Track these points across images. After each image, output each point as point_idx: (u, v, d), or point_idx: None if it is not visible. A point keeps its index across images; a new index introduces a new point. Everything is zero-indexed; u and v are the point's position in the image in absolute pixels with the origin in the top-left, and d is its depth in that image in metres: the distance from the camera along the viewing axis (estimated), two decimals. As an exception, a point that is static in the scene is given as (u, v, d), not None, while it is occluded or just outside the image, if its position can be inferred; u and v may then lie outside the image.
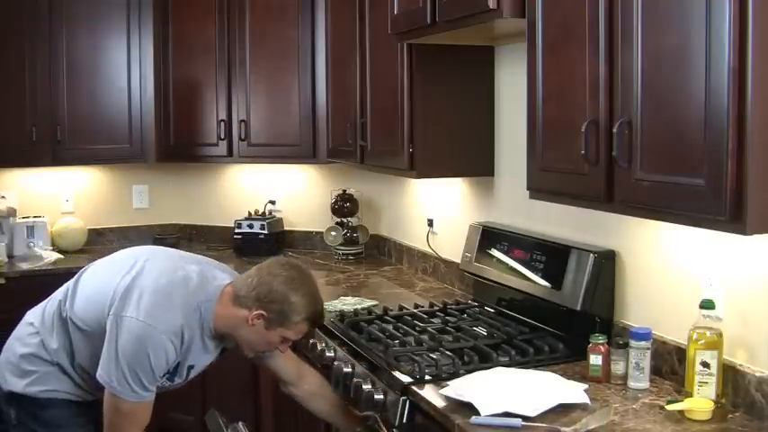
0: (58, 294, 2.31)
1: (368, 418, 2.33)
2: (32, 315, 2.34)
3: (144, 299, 2.08)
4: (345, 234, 4.20)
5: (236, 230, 4.35)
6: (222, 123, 4.21)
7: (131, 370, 2.05)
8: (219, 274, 2.24)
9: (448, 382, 2.12)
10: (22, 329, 2.32)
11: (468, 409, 1.95)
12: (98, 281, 2.24)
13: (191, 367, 2.22)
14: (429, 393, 2.11)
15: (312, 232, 4.53)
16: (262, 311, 2.12)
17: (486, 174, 3.14)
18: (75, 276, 2.33)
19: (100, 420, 2.20)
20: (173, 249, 2.43)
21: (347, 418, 2.44)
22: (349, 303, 3.11)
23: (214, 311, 2.15)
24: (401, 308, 2.95)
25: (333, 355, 2.64)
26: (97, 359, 2.11)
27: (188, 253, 2.44)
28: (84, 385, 2.25)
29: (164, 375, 2.14)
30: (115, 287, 2.14)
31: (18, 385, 2.22)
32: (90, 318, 2.17)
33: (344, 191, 4.27)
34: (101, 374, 2.08)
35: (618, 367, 2.14)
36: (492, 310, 2.89)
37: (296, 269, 2.23)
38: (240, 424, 2.36)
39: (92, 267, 2.34)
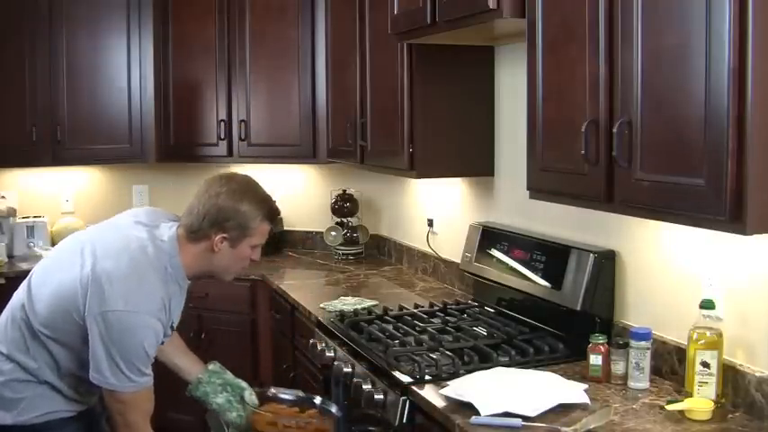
0: (13, 312, 2.13)
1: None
2: None
3: (116, 287, 1.98)
4: (345, 234, 4.20)
5: (236, 230, 4.35)
6: (222, 123, 4.21)
7: (126, 361, 1.98)
8: (163, 226, 2.16)
9: (448, 382, 2.12)
10: None
11: (468, 409, 1.95)
12: (53, 282, 2.08)
13: (172, 322, 2.16)
14: (429, 393, 2.11)
15: (312, 232, 4.53)
16: (222, 234, 2.08)
17: (486, 174, 3.14)
18: (24, 286, 2.16)
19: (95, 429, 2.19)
20: (105, 221, 2.27)
21: (191, 362, 2.44)
22: (349, 303, 3.11)
23: (181, 263, 2.10)
24: (401, 308, 2.95)
25: (333, 355, 2.64)
26: (83, 362, 2.03)
27: (121, 215, 2.27)
28: (75, 395, 2.14)
29: None
30: (75, 284, 2.01)
31: (6, 418, 2.06)
32: (60, 324, 2.04)
33: (344, 191, 4.27)
34: (95, 376, 2.00)
35: (618, 367, 2.14)
36: (492, 310, 2.89)
37: (232, 180, 2.17)
38: (247, 392, 2.34)
39: (38, 271, 2.19)
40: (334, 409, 2.34)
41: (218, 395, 2.36)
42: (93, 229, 2.24)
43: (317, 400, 2.39)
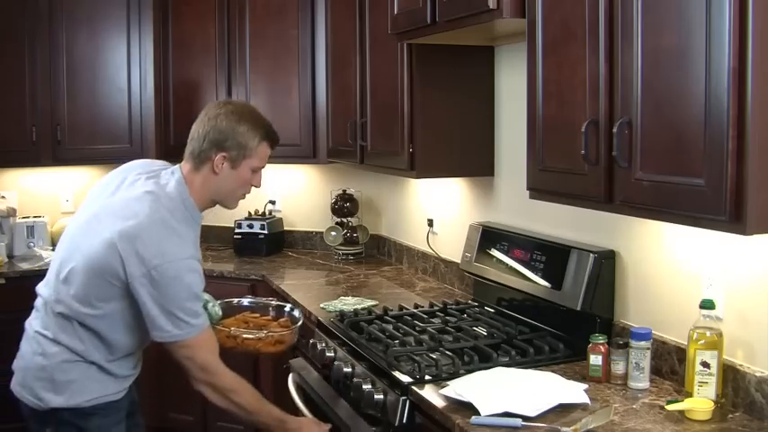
0: (47, 300, 2.17)
1: None
2: (39, 324, 2.19)
3: (148, 244, 2.02)
4: (345, 234, 4.20)
5: (237, 230, 4.36)
6: (222, 123, 4.20)
7: (181, 309, 2.05)
8: (163, 174, 2.22)
9: (448, 382, 2.12)
10: (37, 341, 2.17)
11: (468, 409, 1.95)
12: (80, 258, 2.09)
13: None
14: (429, 393, 2.11)
15: (312, 232, 4.53)
16: (222, 153, 2.15)
17: (486, 174, 3.14)
18: (51, 275, 2.19)
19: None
20: (106, 182, 2.29)
21: None
22: (349, 303, 3.11)
23: (193, 198, 2.18)
24: (401, 308, 2.95)
25: (333, 355, 2.64)
26: (129, 328, 2.10)
27: (111, 177, 2.29)
28: (124, 371, 2.19)
29: None
30: (103, 251, 2.03)
31: (58, 400, 2.11)
32: (98, 296, 2.07)
33: (344, 191, 4.27)
34: (156, 334, 2.07)
35: (618, 367, 2.14)
36: (492, 310, 2.89)
37: (230, 104, 2.30)
38: (210, 304, 2.40)
39: (60, 255, 2.18)
40: (297, 313, 2.52)
41: None
42: (93, 201, 2.23)
43: (287, 307, 2.63)
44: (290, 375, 2.85)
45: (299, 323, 2.55)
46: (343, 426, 2.42)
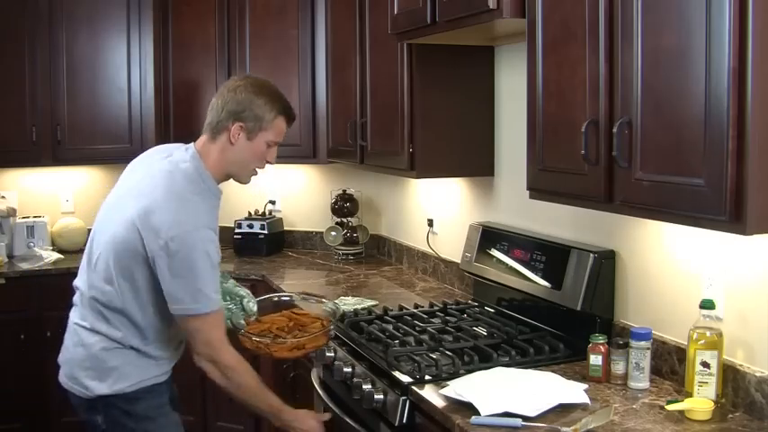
0: (82, 293, 2.22)
1: None
2: (77, 316, 2.24)
3: (163, 217, 2.05)
4: (345, 234, 4.20)
5: (237, 230, 4.36)
6: (222, 123, 4.21)
7: (199, 279, 2.05)
8: (176, 152, 2.26)
9: (448, 382, 2.11)
10: (77, 333, 2.23)
11: (468, 409, 1.95)
12: (108, 244, 2.14)
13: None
14: (429, 393, 2.11)
15: (312, 232, 4.53)
16: (239, 123, 2.17)
17: (486, 174, 3.14)
18: (83, 266, 2.24)
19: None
20: (128, 169, 2.37)
21: None
22: (349, 303, 3.11)
23: (208, 170, 2.19)
24: (401, 308, 2.95)
25: (333, 355, 2.64)
26: (162, 308, 2.11)
27: (132, 165, 2.39)
28: (163, 353, 2.21)
29: None
30: (126, 231, 2.08)
31: (102, 388, 2.15)
32: (129, 279, 2.11)
33: (344, 191, 4.27)
34: (174, 308, 2.07)
35: (618, 367, 2.14)
36: (492, 310, 2.89)
37: (249, 78, 2.30)
38: (245, 300, 2.43)
39: (91, 247, 2.23)
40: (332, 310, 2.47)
41: None
42: (117, 190, 2.31)
43: (328, 305, 2.53)
44: (313, 371, 2.83)
45: (327, 329, 2.44)
46: (344, 425, 2.42)
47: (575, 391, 2.02)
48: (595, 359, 2.17)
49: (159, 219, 2.05)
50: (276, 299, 2.63)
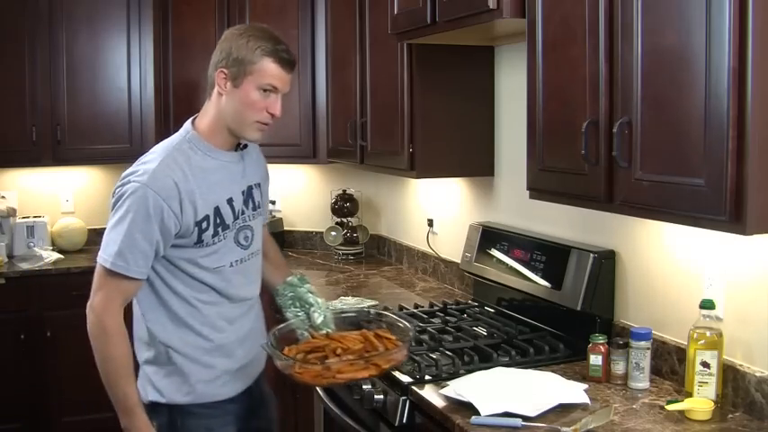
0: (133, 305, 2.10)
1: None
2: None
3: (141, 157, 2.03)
4: (345, 234, 4.20)
5: (237, 230, 4.35)
6: (222, 123, 4.21)
7: (124, 229, 1.93)
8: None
9: (448, 382, 2.11)
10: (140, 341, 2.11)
11: (468, 409, 1.95)
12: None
13: (230, 200, 2.05)
14: (429, 393, 2.11)
15: (312, 232, 4.53)
16: (222, 69, 1.98)
17: (486, 174, 3.14)
18: None
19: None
20: None
21: (277, 274, 2.31)
22: (349, 303, 3.11)
23: (199, 134, 2.04)
24: (401, 308, 2.95)
25: (333, 355, 2.63)
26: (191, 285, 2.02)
27: None
28: (209, 331, 2.05)
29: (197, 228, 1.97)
30: None
31: (158, 396, 2.05)
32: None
33: (344, 191, 4.27)
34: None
35: (618, 367, 2.14)
36: (492, 310, 2.89)
37: (234, 27, 2.12)
38: (312, 309, 2.17)
39: None
40: (405, 329, 2.09)
41: (288, 308, 2.23)
42: None
43: (402, 323, 2.14)
44: None
45: (403, 346, 2.04)
46: (344, 425, 2.42)
47: (575, 391, 2.02)
48: (595, 359, 2.17)
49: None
50: (345, 315, 2.27)
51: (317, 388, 2.68)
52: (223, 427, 2.10)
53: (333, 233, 4.20)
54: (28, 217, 4.38)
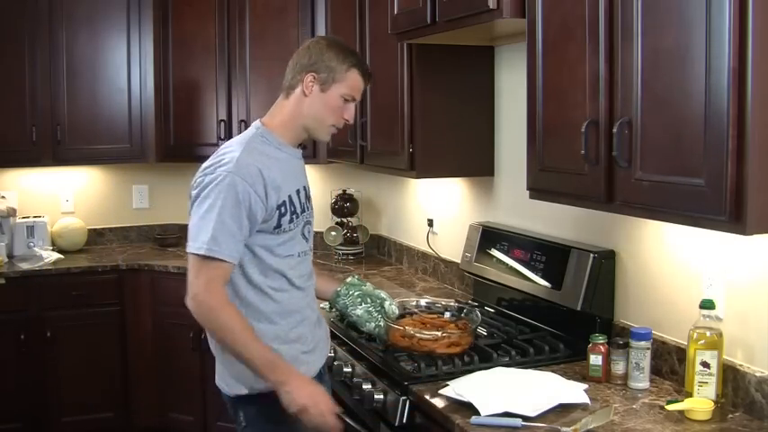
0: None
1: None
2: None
3: (218, 150, 2.11)
4: (345, 234, 4.20)
5: (237, 230, 4.35)
6: (222, 123, 4.21)
7: (216, 215, 1.98)
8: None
9: (448, 382, 2.11)
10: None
11: (468, 409, 1.95)
12: None
13: (297, 192, 2.17)
14: (429, 393, 2.11)
15: (312, 232, 4.53)
16: (312, 73, 2.13)
17: (486, 174, 3.14)
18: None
19: None
20: None
21: (328, 281, 2.51)
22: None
23: (278, 130, 2.16)
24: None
25: (333, 355, 2.64)
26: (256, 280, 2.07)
27: None
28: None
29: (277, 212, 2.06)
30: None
31: (238, 387, 2.09)
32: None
33: (344, 191, 4.27)
34: (188, 239, 2.00)
35: (618, 367, 2.14)
36: (492, 310, 2.89)
37: (319, 37, 2.29)
38: (387, 302, 2.43)
39: None
40: (475, 315, 2.44)
41: (357, 307, 2.40)
42: None
43: (465, 309, 2.53)
44: None
45: (477, 325, 2.44)
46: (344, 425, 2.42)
47: (575, 391, 2.02)
48: (595, 359, 2.17)
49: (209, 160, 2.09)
50: (413, 304, 2.63)
51: None
52: None
53: (333, 233, 4.20)
54: (28, 217, 4.38)
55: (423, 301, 2.70)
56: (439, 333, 2.30)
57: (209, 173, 2.04)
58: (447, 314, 2.55)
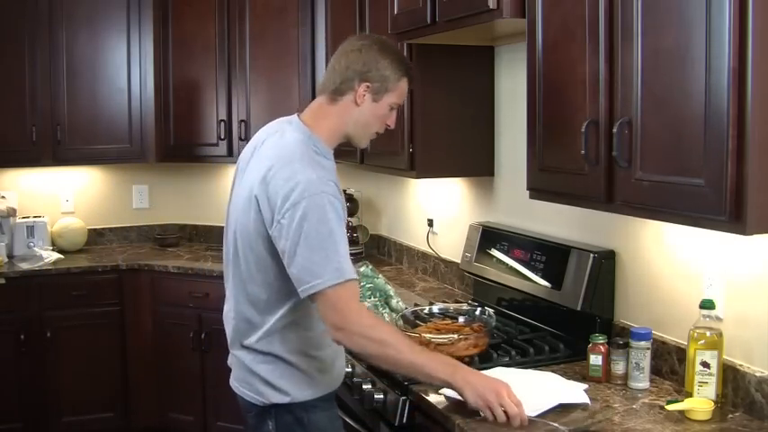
0: (237, 313, 2.07)
1: None
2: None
3: (285, 174, 1.90)
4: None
5: (237, 230, 4.35)
6: (222, 123, 4.21)
7: (324, 240, 1.91)
8: (280, 128, 2.09)
9: (448, 382, 2.11)
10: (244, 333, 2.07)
11: (468, 408, 1.94)
12: (237, 235, 2.04)
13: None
14: (429, 393, 2.11)
15: (312, 232, 4.52)
16: (366, 83, 2.03)
17: (486, 174, 3.14)
18: (229, 284, 2.12)
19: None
20: (241, 159, 2.17)
21: None
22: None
23: (321, 134, 2.04)
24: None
25: (333, 355, 2.64)
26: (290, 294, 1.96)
27: (252, 146, 2.15)
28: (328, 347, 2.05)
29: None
30: (246, 211, 1.98)
31: (277, 396, 2.02)
32: (261, 265, 1.99)
33: (344, 191, 4.25)
34: (303, 280, 1.87)
35: (618, 367, 2.14)
36: (492, 310, 2.89)
37: (372, 37, 2.15)
38: (393, 300, 2.41)
39: (225, 248, 2.13)
40: (488, 315, 2.42)
41: (365, 300, 2.30)
42: (235, 185, 2.15)
43: (478, 311, 2.52)
44: None
45: (492, 325, 2.45)
46: (344, 425, 2.42)
47: (575, 391, 2.02)
48: (595, 359, 2.17)
49: (284, 174, 1.91)
50: (425, 311, 2.61)
51: None
52: (338, 417, 2.13)
53: (333, 233, 4.19)
54: (28, 217, 4.38)
55: (435, 308, 2.70)
56: (456, 336, 2.29)
57: (297, 201, 1.90)
58: (461, 319, 2.55)
